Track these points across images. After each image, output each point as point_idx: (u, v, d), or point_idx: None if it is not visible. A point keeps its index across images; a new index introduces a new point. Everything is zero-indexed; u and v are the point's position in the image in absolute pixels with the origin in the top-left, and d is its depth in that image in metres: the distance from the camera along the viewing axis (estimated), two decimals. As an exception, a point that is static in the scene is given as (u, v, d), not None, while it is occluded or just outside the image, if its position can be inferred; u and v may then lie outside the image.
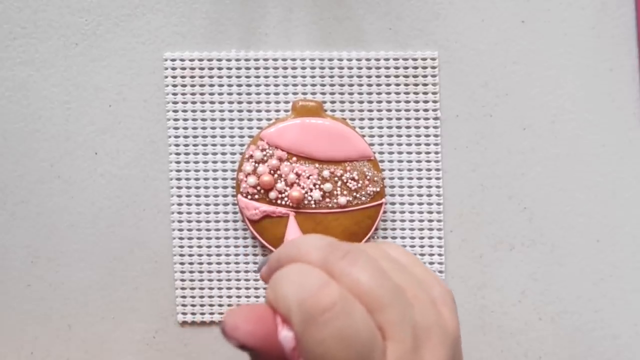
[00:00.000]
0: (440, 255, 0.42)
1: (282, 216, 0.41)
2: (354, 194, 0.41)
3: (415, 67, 0.42)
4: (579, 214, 0.42)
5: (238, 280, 0.42)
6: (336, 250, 0.24)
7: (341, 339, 0.22)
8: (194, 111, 0.42)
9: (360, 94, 0.42)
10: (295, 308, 0.23)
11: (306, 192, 0.41)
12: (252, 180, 0.41)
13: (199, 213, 0.42)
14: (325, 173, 0.41)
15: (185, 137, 0.42)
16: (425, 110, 0.42)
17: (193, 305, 0.42)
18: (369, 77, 0.42)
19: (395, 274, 0.24)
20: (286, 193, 0.41)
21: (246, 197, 0.41)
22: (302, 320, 0.23)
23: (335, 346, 0.22)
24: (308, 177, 0.41)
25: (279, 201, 0.41)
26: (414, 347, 0.23)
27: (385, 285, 0.23)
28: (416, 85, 0.42)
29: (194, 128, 0.42)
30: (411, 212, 0.42)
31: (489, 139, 0.42)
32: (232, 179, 0.42)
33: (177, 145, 0.42)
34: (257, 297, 0.42)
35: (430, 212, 0.42)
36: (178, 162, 0.42)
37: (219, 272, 0.42)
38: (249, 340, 0.23)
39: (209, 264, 0.42)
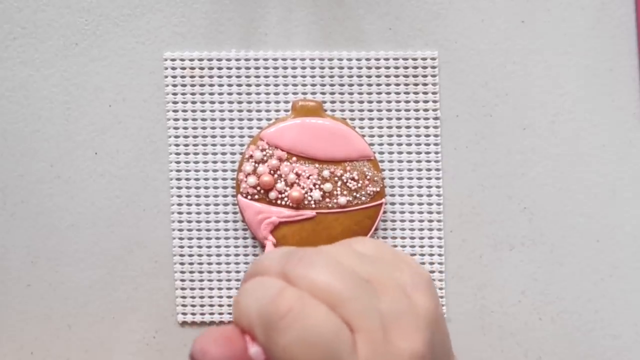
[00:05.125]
0: (440, 255, 0.42)
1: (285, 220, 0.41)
2: (354, 193, 0.41)
3: (415, 67, 0.42)
4: (579, 214, 0.42)
5: (238, 280, 0.42)
6: (292, 256, 0.24)
7: (304, 341, 0.22)
8: (194, 111, 0.42)
9: (360, 94, 0.42)
10: (256, 320, 0.23)
11: (306, 192, 0.41)
12: (252, 180, 0.41)
13: (199, 213, 0.42)
14: (325, 173, 0.41)
15: (185, 137, 0.42)
16: (425, 110, 0.42)
17: (193, 306, 0.42)
18: (369, 77, 0.42)
19: (360, 267, 0.25)
20: (286, 193, 0.41)
21: (246, 197, 0.41)
22: (264, 330, 0.23)
23: (300, 349, 0.22)
24: (308, 177, 0.41)
25: (279, 201, 0.41)
26: (384, 335, 0.23)
27: (344, 279, 0.24)
28: (416, 85, 0.42)
29: (194, 128, 0.42)
30: (411, 212, 0.42)
31: (489, 139, 0.42)
32: (232, 179, 0.42)
33: (177, 145, 0.42)
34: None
35: (430, 212, 0.42)
36: (178, 162, 0.42)
37: (219, 272, 0.42)
38: None
39: (209, 264, 0.42)
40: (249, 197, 0.41)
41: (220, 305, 0.42)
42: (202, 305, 0.42)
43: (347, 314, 0.23)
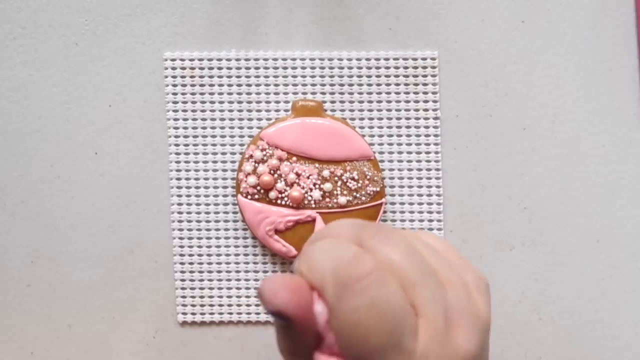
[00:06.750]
0: (440, 255, 0.42)
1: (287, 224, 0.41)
2: (354, 193, 0.41)
3: (415, 67, 0.42)
4: (579, 214, 0.42)
5: (238, 280, 0.42)
6: (368, 229, 0.24)
7: (375, 308, 0.22)
8: (194, 111, 0.42)
9: (360, 94, 0.42)
10: (329, 277, 0.23)
11: (306, 192, 0.41)
12: (252, 180, 0.41)
13: (199, 213, 0.42)
14: (325, 173, 0.41)
15: (185, 137, 0.42)
16: (425, 110, 0.42)
17: (193, 305, 0.42)
18: (369, 77, 0.42)
19: (429, 257, 0.24)
20: (286, 193, 0.41)
21: (246, 197, 0.41)
22: (337, 289, 0.22)
23: (369, 314, 0.22)
24: (308, 177, 0.41)
25: (279, 201, 0.41)
26: (446, 328, 0.23)
27: (417, 263, 0.23)
28: (416, 85, 0.42)
29: (194, 128, 0.42)
30: (411, 212, 0.42)
31: (489, 139, 0.42)
32: (232, 179, 0.42)
33: (177, 145, 0.42)
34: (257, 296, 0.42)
35: (430, 212, 0.42)
36: (178, 162, 0.42)
37: (219, 272, 0.42)
38: (288, 308, 0.23)
39: (209, 264, 0.42)
40: (249, 197, 0.41)
41: (220, 305, 0.42)
42: (202, 305, 0.42)
43: (416, 297, 0.23)
